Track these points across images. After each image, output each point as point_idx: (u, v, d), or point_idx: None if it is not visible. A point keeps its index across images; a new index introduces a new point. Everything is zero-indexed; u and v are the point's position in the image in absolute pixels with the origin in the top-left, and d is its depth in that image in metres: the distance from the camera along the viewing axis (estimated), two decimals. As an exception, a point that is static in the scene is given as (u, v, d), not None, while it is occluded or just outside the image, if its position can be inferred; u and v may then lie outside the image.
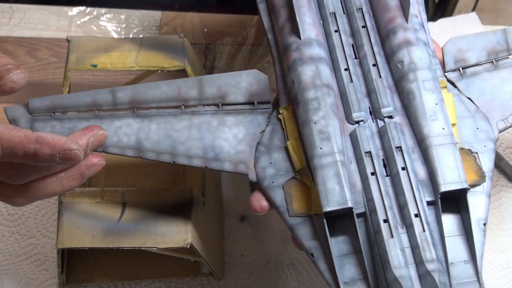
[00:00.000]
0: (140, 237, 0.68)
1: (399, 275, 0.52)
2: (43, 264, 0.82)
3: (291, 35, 0.61)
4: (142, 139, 0.61)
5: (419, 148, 0.57)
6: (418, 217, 0.54)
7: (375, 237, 0.55)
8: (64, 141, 0.55)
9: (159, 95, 0.62)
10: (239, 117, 0.62)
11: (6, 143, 0.54)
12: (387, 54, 0.61)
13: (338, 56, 0.61)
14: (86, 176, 0.59)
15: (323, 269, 0.56)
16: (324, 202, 0.55)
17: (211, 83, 0.62)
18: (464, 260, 0.55)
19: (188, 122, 0.62)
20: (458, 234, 0.56)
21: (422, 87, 0.58)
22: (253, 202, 0.59)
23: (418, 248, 0.53)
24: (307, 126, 0.57)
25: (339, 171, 0.55)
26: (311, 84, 0.58)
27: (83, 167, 0.59)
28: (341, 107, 0.60)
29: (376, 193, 0.55)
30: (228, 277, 0.81)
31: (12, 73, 0.55)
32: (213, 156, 0.60)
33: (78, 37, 0.77)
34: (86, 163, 0.59)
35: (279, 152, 0.60)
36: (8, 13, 1.00)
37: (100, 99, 0.61)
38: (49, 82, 0.95)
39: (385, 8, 0.62)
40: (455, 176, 0.55)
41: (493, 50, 0.63)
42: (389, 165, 0.57)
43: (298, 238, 0.57)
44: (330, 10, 0.64)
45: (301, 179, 0.58)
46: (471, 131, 0.60)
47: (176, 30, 1.00)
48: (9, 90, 0.55)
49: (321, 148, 0.56)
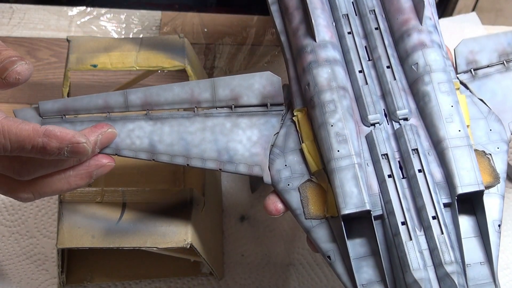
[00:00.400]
0: (140, 237, 0.68)
1: (418, 278, 0.52)
2: (43, 264, 0.82)
3: (306, 37, 0.61)
4: (155, 142, 0.61)
5: (435, 150, 0.57)
6: (436, 219, 0.54)
7: (393, 240, 0.55)
8: (72, 135, 0.55)
9: (171, 97, 0.61)
10: (253, 119, 0.62)
11: (14, 137, 0.53)
12: (401, 56, 0.61)
13: (352, 58, 0.61)
14: (94, 176, 0.59)
15: (340, 271, 0.56)
16: (342, 205, 0.55)
17: (224, 85, 0.62)
18: (480, 262, 0.55)
19: (202, 124, 0.61)
20: (474, 235, 0.56)
21: (437, 89, 0.58)
22: (269, 205, 0.59)
23: (436, 250, 0.53)
24: (324, 129, 0.57)
25: (356, 174, 0.55)
26: (327, 86, 0.58)
27: (92, 167, 0.58)
28: (356, 109, 0.60)
29: (394, 196, 0.55)
30: (228, 277, 0.81)
31: (16, 65, 0.55)
32: (227, 159, 0.60)
33: (78, 37, 0.77)
34: (96, 163, 0.59)
35: (294, 154, 0.60)
36: (8, 13, 1.00)
37: (112, 101, 0.61)
38: (49, 82, 0.94)
39: (399, 10, 0.62)
40: (471, 178, 0.55)
41: (504, 52, 0.63)
42: (405, 167, 0.57)
43: (315, 240, 0.57)
44: (343, 12, 0.64)
45: (317, 181, 0.58)
46: (484, 133, 0.60)
47: (176, 30, 1.00)
48: (14, 82, 0.55)
49: (338, 151, 0.56)
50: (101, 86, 0.94)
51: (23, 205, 0.84)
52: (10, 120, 0.54)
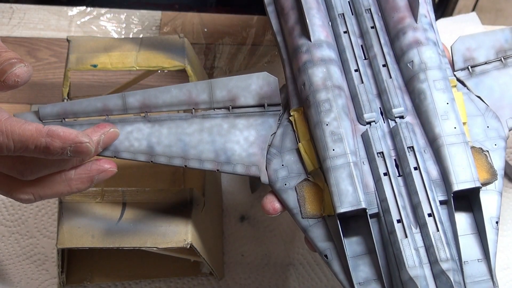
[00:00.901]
0: (140, 237, 0.68)
1: (414, 275, 0.52)
2: (43, 264, 0.82)
3: (301, 37, 0.61)
4: (154, 144, 0.61)
5: (431, 147, 0.58)
6: (431, 216, 0.54)
7: (389, 237, 0.55)
8: (75, 134, 0.55)
9: (169, 99, 0.62)
10: (250, 119, 0.62)
11: (18, 137, 0.54)
12: (396, 54, 0.61)
13: (348, 57, 0.61)
14: (96, 180, 0.59)
15: (337, 270, 0.56)
16: (337, 203, 0.55)
17: (221, 86, 0.62)
18: (478, 259, 0.56)
19: (199, 125, 0.62)
20: (471, 232, 0.57)
21: (433, 86, 0.58)
22: (266, 204, 0.59)
23: (432, 247, 0.53)
24: (319, 128, 0.57)
25: (352, 172, 0.56)
26: (322, 86, 0.59)
27: (94, 171, 0.59)
28: (352, 108, 0.60)
29: (390, 194, 0.56)
30: (228, 277, 0.82)
31: (15, 67, 0.55)
32: (224, 159, 0.60)
33: (78, 37, 0.77)
34: (98, 168, 0.59)
35: (290, 154, 0.60)
36: (8, 13, 1.00)
37: (111, 104, 0.61)
38: (49, 82, 0.95)
39: (394, 8, 0.62)
40: (467, 175, 0.55)
41: (501, 48, 0.63)
42: (401, 165, 0.57)
43: (312, 239, 0.57)
44: (338, 11, 0.64)
45: (314, 180, 0.58)
46: (481, 130, 0.60)
47: (176, 30, 1.00)
48: (12, 84, 0.55)
49: (333, 150, 0.56)
50: (101, 86, 0.94)
51: (23, 205, 0.85)
52: (13, 120, 0.54)
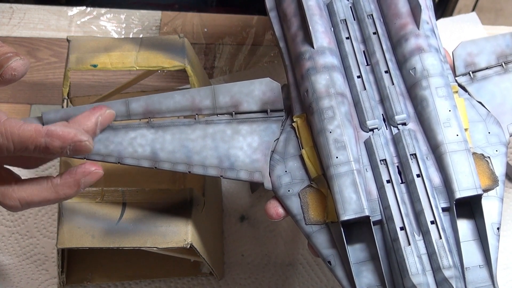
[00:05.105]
0: (140, 237, 0.68)
1: (417, 282, 0.53)
2: (43, 264, 0.82)
3: (304, 44, 0.61)
4: (157, 150, 0.61)
5: (433, 155, 0.58)
6: (434, 224, 0.55)
7: (392, 245, 0.55)
8: (74, 133, 0.55)
9: (173, 105, 0.62)
10: (253, 125, 0.62)
11: (17, 138, 0.54)
12: (399, 61, 0.61)
13: (351, 64, 0.61)
14: (83, 184, 0.58)
15: (340, 276, 0.56)
16: (341, 211, 0.55)
17: (224, 92, 0.62)
18: (479, 265, 0.56)
19: (203, 131, 0.62)
20: (472, 239, 0.57)
21: (435, 94, 0.58)
22: (270, 209, 0.60)
23: (435, 255, 0.54)
24: (323, 135, 0.58)
25: (355, 180, 0.56)
26: (325, 93, 0.59)
27: (79, 174, 0.57)
28: (355, 114, 0.60)
29: (393, 201, 0.56)
30: (228, 277, 0.82)
31: (12, 61, 0.55)
32: (228, 165, 0.61)
33: (78, 37, 0.77)
34: (82, 171, 0.57)
35: (294, 160, 0.60)
36: (8, 13, 1.00)
37: (114, 110, 0.61)
38: (49, 82, 0.95)
39: (396, 14, 0.62)
40: (469, 182, 0.56)
41: (502, 54, 0.63)
42: (404, 172, 0.57)
43: (315, 246, 0.58)
44: (341, 17, 0.64)
45: (317, 187, 0.59)
46: (483, 136, 0.60)
47: (176, 30, 1.00)
48: (10, 78, 0.55)
49: (337, 157, 0.57)
50: (101, 86, 0.94)
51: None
52: (12, 121, 0.54)
